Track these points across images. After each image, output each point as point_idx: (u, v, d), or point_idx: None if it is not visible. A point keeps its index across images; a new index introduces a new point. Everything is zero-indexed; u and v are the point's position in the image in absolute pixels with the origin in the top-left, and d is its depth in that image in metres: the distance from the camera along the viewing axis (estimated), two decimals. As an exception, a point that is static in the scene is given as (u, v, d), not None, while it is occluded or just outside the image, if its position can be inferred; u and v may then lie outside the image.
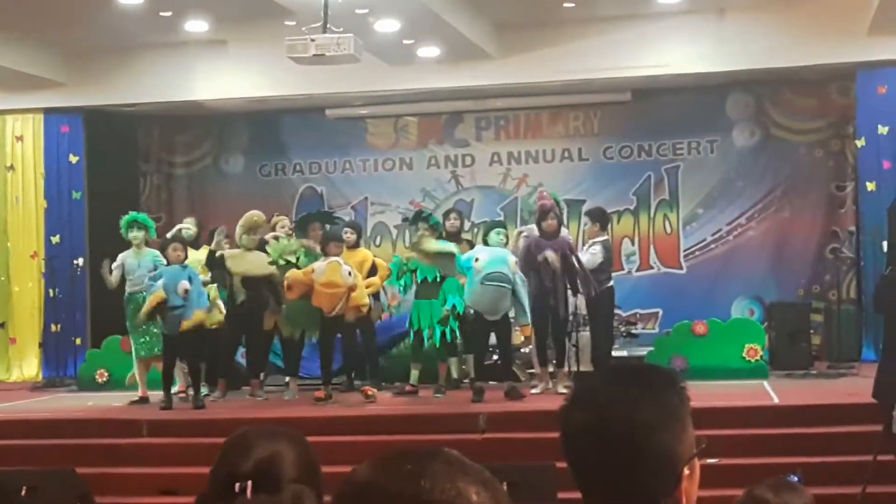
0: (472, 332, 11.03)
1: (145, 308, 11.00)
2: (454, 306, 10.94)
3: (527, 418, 9.58)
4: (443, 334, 11.02)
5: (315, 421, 10.15)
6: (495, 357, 11.73)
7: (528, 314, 10.69)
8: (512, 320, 10.95)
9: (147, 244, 11.85)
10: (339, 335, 11.30)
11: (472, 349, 11.16)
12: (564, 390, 10.66)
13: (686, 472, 1.98)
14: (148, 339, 11.62)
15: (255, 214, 11.74)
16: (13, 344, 15.02)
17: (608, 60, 13.55)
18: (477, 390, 10.72)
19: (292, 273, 11.00)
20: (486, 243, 10.99)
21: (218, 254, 11.48)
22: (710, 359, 11.99)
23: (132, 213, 12.09)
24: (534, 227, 11.43)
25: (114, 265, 11.75)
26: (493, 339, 11.15)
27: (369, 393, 11.06)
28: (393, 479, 1.49)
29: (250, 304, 11.47)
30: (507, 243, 11.02)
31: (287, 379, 11.80)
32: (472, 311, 10.84)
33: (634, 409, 1.96)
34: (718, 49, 13.41)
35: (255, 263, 11.42)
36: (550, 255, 10.89)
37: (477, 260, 10.58)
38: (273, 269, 11.34)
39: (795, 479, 3.50)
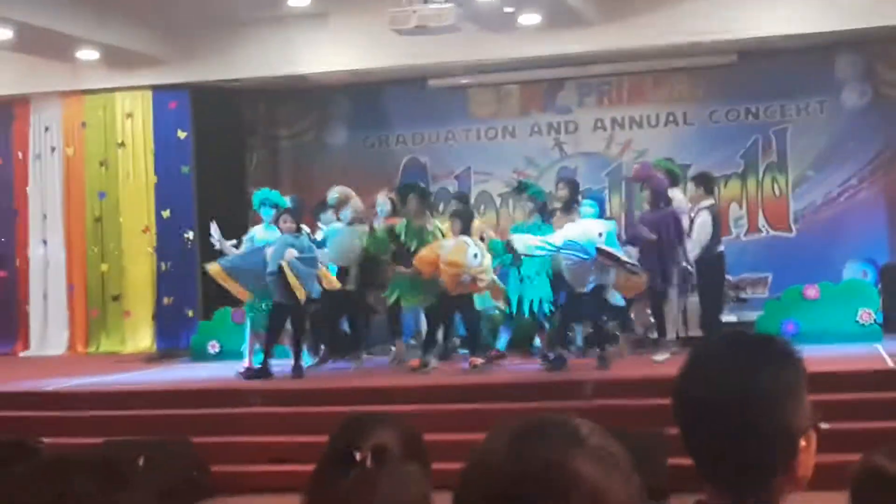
0: (566, 303, 10.98)
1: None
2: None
3: (634, 385, 9.52)
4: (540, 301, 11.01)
5: (421, 390, 10.24)
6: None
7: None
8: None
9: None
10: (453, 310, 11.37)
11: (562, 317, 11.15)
12: (661, 359, 10.60)
13: (803, 443, 1.95)
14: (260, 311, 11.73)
15: (337, 191, 11.92)
16: (127, 317, 15.36)
17: (712, 22, 13.33)
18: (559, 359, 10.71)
19: (419, 258, 11.05)
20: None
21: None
22: (823, 323, 11.81)
23: (263, 190, 12.19)
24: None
25: (234, 244, 11.78)
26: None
27: (476, 363, 11.09)
28: (501, 455, 1.48)
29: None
30: (598, 213, 10.87)
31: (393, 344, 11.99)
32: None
33: (750, 381, 1.93)
34: (826, 8, 13.10)
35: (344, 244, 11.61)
36: (643, 230, 10.82)
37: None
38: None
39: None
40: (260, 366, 11.25)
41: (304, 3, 13.38)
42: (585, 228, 10.53)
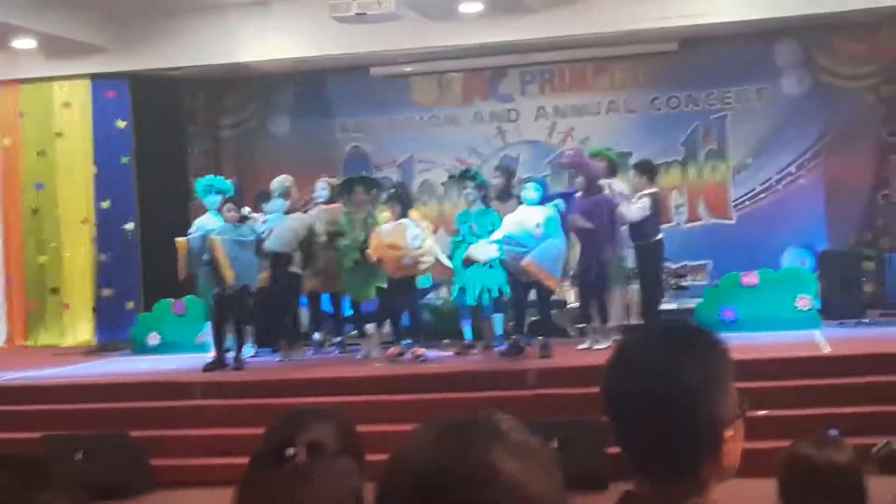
0: (514, 293, 11.00)
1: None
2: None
3: (576, 373, 9.55)
4: (488, 290, 11.01)
5: (366, 381, 10.22)
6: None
7: (557, 269, 10.59)
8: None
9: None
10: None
11: (513, 307, 11.15)
12: (605, 346, 10.65)
13: (729, 433, 1.96)
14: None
15: (285, 179, 11.90)
16: (67, 309, 15.19)
17: (653, 10, 13.39)
18: (516, 347, 10.72)
19: (372, 246, 11.02)
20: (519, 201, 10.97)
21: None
22: (761, 309, 11.91)
23: (208, 177, 12.10)
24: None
25: (191, 232, 11.50)
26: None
27: (419, 353, 11.09)
28: (422, 451, 1.49)
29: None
30: (540, 199, 10.89)
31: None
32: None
33: (674, 373, 1.94)
34: (765, -5, 13.21)
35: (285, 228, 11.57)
36: (578, 219, 10.82)
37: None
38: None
39: (835, 433, 3.46)
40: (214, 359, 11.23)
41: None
42: (522, 219, 10.52)
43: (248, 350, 11.91)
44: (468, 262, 10.90)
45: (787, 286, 12.13)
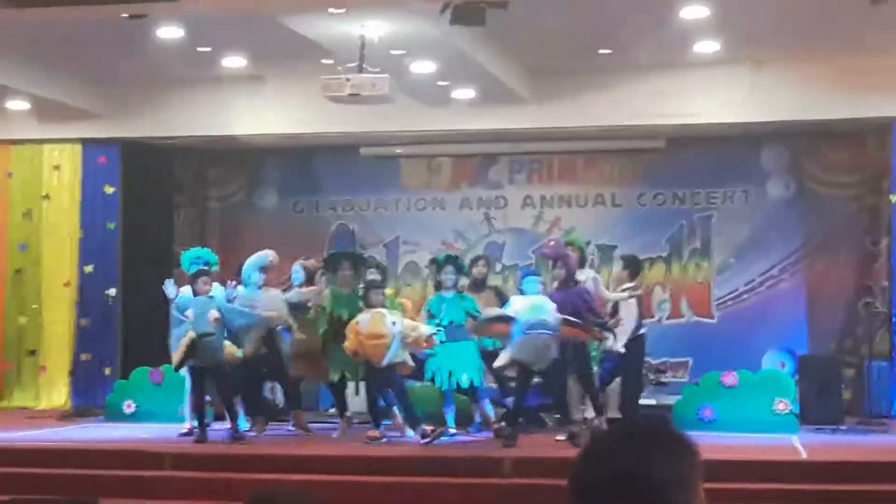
0: (517, 381, 10.94)
1: (179, 352, 11.02)
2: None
3: (556, 464, 9.50)
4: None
5: (337, 460, 10.16)
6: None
7: None
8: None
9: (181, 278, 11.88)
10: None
11: (515, 396, 11.07)
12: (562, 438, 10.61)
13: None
14: None
15: (272, 254, 11.92)
16: (43, 372, 15.06)
17: (643, 108, 13.56)
18: (509, 435, 10.67)
19: (348, 341, 11.02)
20: (521, 292, 10.97)
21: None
22: (739, 410, 11.90)
23: (195, 249, 12.12)
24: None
25: (170, 294, 11.50)
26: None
27: (375, 435, 11.09)
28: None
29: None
30: (543, 290, 10.95)
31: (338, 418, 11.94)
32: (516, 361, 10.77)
33: (646, 469, 1.95)
34: (754, 100, 13.38)
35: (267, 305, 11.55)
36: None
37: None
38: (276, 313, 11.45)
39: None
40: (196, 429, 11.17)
41: (240, 65, 13.40)
42: (535, 304, 10.55)
43: (243, 423, 11.78)
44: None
45: (766, 388, 12.13)
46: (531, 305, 10.55)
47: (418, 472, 9.74)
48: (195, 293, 11.20)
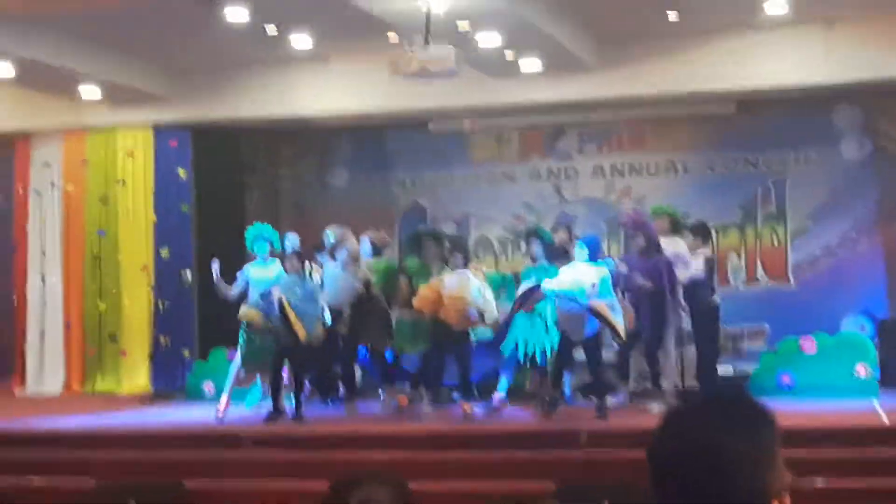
0: (559, 350, 10.93)
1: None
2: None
3: (629, 436, 9.48)
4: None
5: (413, 436, 10.21)
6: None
7: (620, 320, 10.54)
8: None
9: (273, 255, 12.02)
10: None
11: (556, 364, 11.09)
12: (656, 410, 10.54)
13: (775, 506, 1.97)
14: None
15: (334, 231, 12.02)
16: (124, 356, 15.27)
17: (713, 72, 13.39)
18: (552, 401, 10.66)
19: (420, 298, 11.06)
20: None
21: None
22: (819, 376, 11.77)
23: (256, 225, 12.25)
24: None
25: (237, 284, 11.83)
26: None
27: (467, 410, 11.07)
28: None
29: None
30: (590, 256, 10.84)
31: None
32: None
33: (722, 443, 1.95)
34: (826, 60, 13.15)
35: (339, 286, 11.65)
36: (638, 278, 10.81)
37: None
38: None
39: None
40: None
41: (306, 46, 13.42)
42: (577, 277, 10.49)
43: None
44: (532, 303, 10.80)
45: (846, 353, 11.99)
46: (573, 279, 10.48)
47: (490, 447, 9.75)
48: (286, 271, 11.37)
